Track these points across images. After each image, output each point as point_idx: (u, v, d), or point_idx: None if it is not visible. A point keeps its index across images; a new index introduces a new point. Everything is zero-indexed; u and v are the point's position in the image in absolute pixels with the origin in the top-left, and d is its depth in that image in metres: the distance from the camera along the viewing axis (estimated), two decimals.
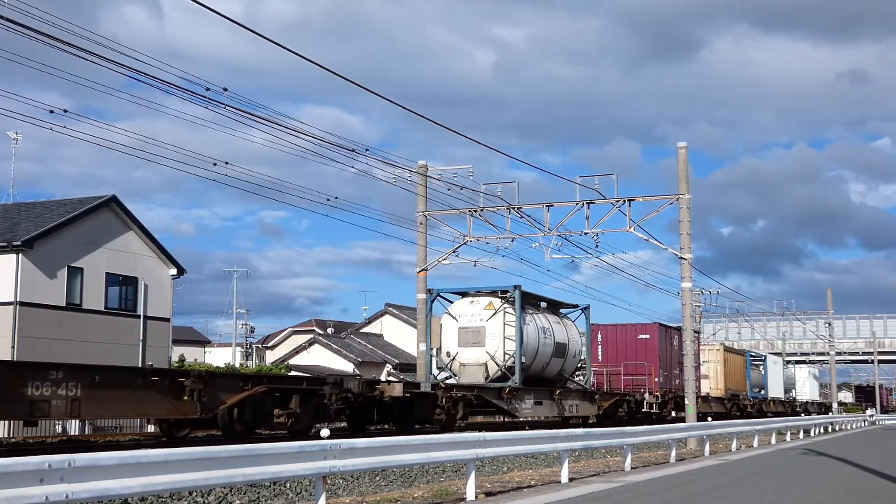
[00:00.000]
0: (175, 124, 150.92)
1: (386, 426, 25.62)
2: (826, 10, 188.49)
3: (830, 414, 64.06)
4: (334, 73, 16.95)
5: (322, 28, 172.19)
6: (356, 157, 24.34)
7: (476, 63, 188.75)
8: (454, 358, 30.19)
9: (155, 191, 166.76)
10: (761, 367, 60.43)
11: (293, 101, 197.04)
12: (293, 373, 37.98)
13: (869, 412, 73.57)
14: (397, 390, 23.19)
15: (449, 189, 31.39)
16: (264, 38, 15.29)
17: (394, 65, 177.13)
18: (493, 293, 30.53)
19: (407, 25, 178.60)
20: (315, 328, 65.07)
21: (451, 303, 31.34)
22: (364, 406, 23.00)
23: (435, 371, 31.01)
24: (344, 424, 24.32)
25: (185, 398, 17.01)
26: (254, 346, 67.64)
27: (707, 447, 24.16)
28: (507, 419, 35.35)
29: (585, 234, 32.74)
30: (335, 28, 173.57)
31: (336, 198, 25.83)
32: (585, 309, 35.77)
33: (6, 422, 25.25)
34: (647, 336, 40.22)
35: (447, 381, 27.88)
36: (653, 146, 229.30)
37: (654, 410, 39.29)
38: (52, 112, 17.46)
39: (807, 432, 39.99)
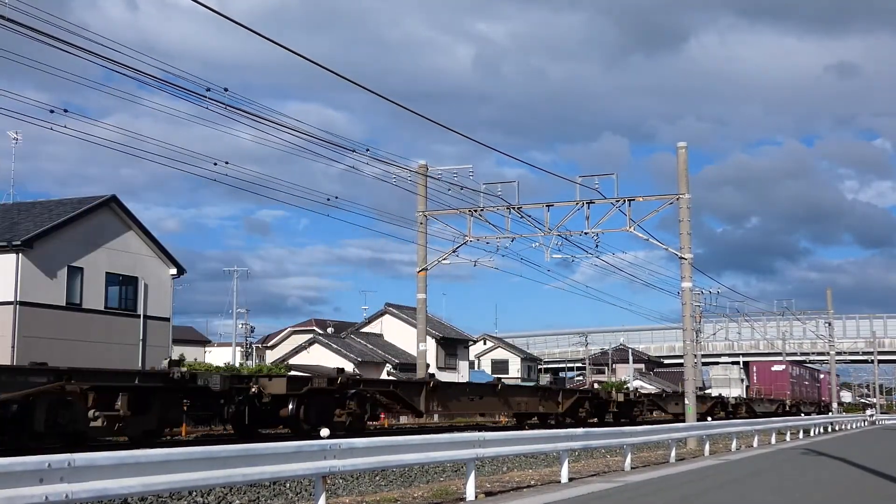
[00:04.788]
0: (158, 121, 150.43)
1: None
2: (813, 1, 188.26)
3: (830, 414, 64.04)
4: (337, 73, 16.95)
5: (296, 19, 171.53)
6: (354, 156, 24.34)
7: (458, 58, 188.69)
8: None
9: (141, 189, 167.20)
10: None
11: (277, 97, 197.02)
12: (293, 373, 38.02)
13: (868, 412, 73.58)
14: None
15: (449, 189, 31.39)
16: (259, 34, 15.28)
17: (374, 59, 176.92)
18: None
19: (386, 19, 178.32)
20: (315, 328, 65.10)
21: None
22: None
23: None
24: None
25: None
26: (254, 345, 67.71)
27: (707, 447, 24.16)
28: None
29: (585, 233, 32.73)
30: (310, 19, 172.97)
31: (336, 197, 25.87)
32: None
33: None
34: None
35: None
36: (641, 143, 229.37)
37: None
38: (52, 112, 17.47)
39: (806, 432, 40.01)
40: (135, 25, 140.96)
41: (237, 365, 53.49)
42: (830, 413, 65.40)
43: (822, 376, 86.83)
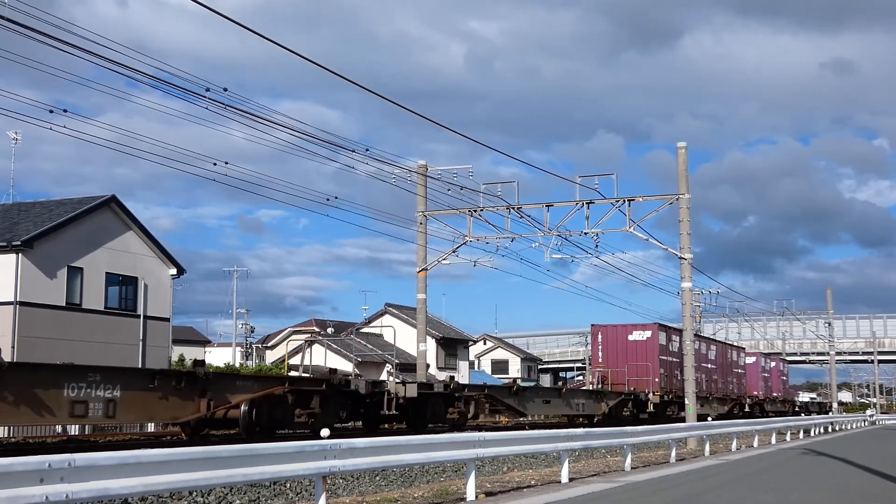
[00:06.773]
0: (151, 120, 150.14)
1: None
2: None
3: (831, 414, 64.02)
4: (336, 73, 16.93)
5: (286, 16, 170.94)
6: (352, 156, 24.32)
7: (451, 56, 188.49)
8: None
9: (138, 188, 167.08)
10: None
11: (269, 95, 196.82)
12: (293, 373, 37.98)
13: (869, 412, 73.56)
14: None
15: (448, 189, 31.35)
16: (255, 32, 15.26)
17: (365, 57, 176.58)
18: None
19: (377, 16, 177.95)
20: (315, 328, 65.05)
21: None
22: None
23: None
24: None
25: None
26: (253, 345, 67.67)
27: (707, 447, 24.15)
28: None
29: (585, 233, 32.71)
30: (300, 16, 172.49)
31: (336, 198, 25.85)
32: None
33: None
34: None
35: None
36: (636, 141, 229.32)
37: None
38: (51, 112, 17.46)
39: (807, 432, 40.00)
40: (124, 22, 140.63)
41: (237, 365, 53.48)
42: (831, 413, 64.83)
43: (749, 360, 57.51)
